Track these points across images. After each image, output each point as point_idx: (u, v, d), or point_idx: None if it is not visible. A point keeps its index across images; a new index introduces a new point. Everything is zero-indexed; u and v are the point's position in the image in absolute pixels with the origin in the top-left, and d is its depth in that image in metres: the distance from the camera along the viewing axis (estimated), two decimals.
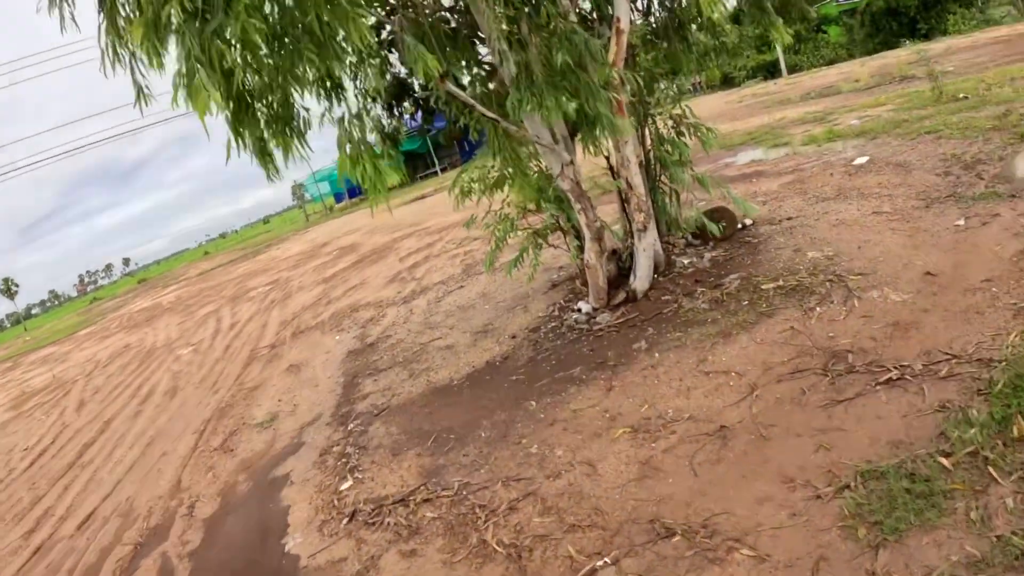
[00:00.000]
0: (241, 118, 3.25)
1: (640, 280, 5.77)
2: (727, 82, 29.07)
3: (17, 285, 60.66)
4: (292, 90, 3.20)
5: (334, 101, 3.99)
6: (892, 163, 7.65)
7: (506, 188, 5.71)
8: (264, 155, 3.85)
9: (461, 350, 6.12)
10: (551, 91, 4.41)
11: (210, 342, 11.44)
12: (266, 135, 3.42)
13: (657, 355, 4.62)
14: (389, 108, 6.30)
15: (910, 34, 22.58)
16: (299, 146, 3.61)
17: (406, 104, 6.39)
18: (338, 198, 45.55)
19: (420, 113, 6.55)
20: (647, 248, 5.72)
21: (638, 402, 4.09)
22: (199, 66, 2.63)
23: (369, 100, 6.37)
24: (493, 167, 5.69)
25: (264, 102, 3.35)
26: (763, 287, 5.18)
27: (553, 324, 5.91)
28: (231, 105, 3.14)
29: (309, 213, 47.65)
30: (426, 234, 14.33)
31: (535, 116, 5.11)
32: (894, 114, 10.15)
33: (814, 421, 3.37)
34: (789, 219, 6.85)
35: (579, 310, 6.04)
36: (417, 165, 38.57)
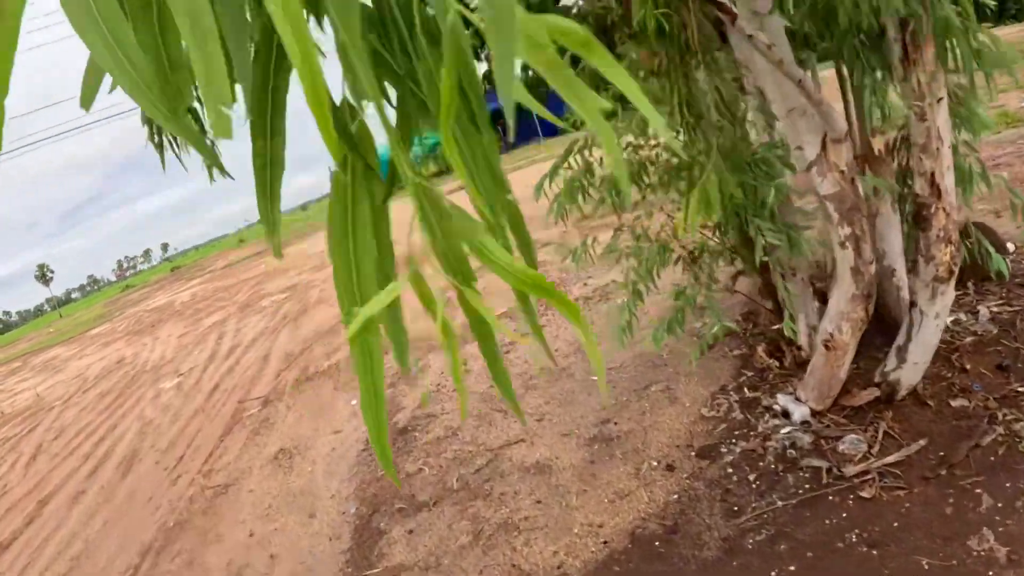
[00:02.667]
0: None
1: (911, 368, 2.86)
2: None
3: (52, 271, 60.15)
4: None
5: None
6: None
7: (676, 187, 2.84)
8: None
9: (568, 483, 3.29)
10: None
11: (199, 374, 8.90)
12: None
13: None
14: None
15: (997, 16, 19.35)
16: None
17: None
18: None
19: None
20: (941, 312, 2.79)
21: None
22: None
23: None
24: (648, 140, 2.82)
25: None
26: None
27: (742, 443, 3.05)
28: None
29: None
30: None
31: None
32: None
33: None
34: None
35: (784, 413, 3.19)
36: None
